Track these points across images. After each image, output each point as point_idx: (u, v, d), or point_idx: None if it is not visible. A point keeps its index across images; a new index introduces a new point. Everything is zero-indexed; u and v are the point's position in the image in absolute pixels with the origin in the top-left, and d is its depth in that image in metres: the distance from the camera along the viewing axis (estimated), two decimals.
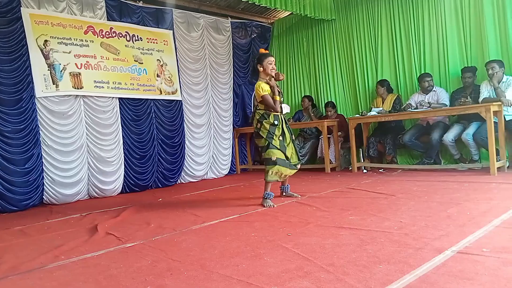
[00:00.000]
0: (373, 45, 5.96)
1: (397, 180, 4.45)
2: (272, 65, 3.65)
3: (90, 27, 5.07)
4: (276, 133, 3.61)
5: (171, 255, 2.30)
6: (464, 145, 4.65)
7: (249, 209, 3.48)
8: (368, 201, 3.39)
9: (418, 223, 2.52)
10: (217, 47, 6.52)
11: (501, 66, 4.46)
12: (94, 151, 5.07)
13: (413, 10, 5.48)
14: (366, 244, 2.16)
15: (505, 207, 2.70)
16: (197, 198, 4.55)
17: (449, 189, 3.62)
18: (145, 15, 5.66)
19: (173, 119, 5.89)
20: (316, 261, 1.96)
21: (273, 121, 3.60)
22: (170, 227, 3.04)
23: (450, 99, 4.96)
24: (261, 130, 3.62)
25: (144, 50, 5.60)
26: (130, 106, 5.44)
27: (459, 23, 5.06)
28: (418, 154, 5.32)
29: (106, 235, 2.99)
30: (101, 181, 5.12)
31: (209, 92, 6.40)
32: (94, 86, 5.04)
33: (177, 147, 5.93)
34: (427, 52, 5.37)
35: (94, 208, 4.28)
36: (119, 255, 2.43)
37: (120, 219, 3.57)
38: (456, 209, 2.81)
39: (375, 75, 5.95)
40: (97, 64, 5.08)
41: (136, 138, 5.48)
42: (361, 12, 6.07)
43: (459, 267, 1.72)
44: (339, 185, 4.44)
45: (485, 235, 2.14)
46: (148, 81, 5.62)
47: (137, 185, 5.48)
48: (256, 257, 2.13)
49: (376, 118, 5.30)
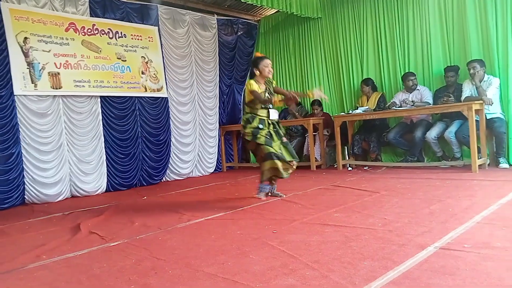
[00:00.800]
0: (358, 44, 6.01)
1: (381, 178, 4.50)
2: (268, 68, 3.57)
3: (72, 24, 4.97)
4: (261, 133, 3.50)
5: (155, 254, 2.28)
6: (446, 142, 4.73)
7: (235, 207, 3.47)
8: (353, 198, 3.41)
9: (402, 219, 2.55)
10: (203, 44, 6.48)
11: (482, 66, 4.54)
12: (73, 151, 4.99)
13: (397, 10, 5.54)
14: (350, 241, 2.18)
15: (485, 204, 2.76)
16: (182, 196, 4.52)
17: (432, 186, 3.68)
18: (130, 11, 5.58)
19: (159, 117, 5.84)
20: (301, 258, 1.97)
21: (257, 125, 3.50)
22: (154, 226, 3.01)
23: (434, 98, 5.04)
24: (247, 135, 3.54)
25: (128, 47, 5.52)
26: (113, 104, 5.36)
27: (443, 23, 5.14)
28: (402, 151, 5.39)
29: (89, 234, 2.94)
30: (82, 181, 5.05)
31: (194, 89, 6.36)
32: (74, 85, 4.94)
33: (162, 145, 5.87)
34: (411, 52, 5.44)
35: (77, 207, 4.21)
36: (102, 254, 2.40)
37: (103, 218, 3.52)
38: (438, 205, 2.85)
39: (360, 74, 6.00)
40: (77, 63, 4.98)
41: (119, 137, 5.41)
42: (347, 11, 6.10)
43: (441, 262, 1.75)
44: (324, 182, 4.46)
45: (467, 231, 2.18)
46: (133, 78, 5.55)
47: (121, 183, 5.41)
48: (242, 255, 2.12)
49: (361, 116, 5.34)
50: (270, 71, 3.61)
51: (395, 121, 5.55)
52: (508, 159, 4.51)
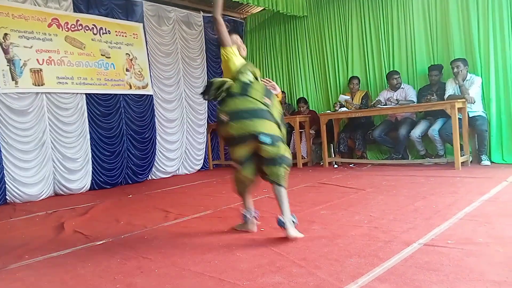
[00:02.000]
0: (344, 43, 6.05)
1: (367, 175, 4.55)
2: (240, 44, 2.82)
3: (55, 19, 4.87)
4: None
5: (141, 253, 2.26)
6: (430, 140, 4.80)
7: (222, 205, 3.46)
8: (339, 195, 3.44)
9: (387, 216, 2.58)
10: (189, 41, 6.43)
11: (465, 65, 4.62)
12: (58, 148, 4.90)
13: (382, 10, 5.59)
14: (337, 238, 2.19)
15: (468, 200, 2.81)
16: (168, 194, 4.49)
17: (416, 183, 3.73)
18: (114, 7, 5.50)
19: (143, 114, 5.78)
20: (288, 256, 1.97)
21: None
22: (140, 224, 2.99)
23: (417, 96, 5.10)
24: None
25: (112, 43, 5.44)
26: (99, 101, 5.28)
27: (426, 23, 5.20)
28: (387, 149, 5.46)
29: (73, 233, 2.90)
30: (67, 179, 4.96)
31: (181, 87, 6.31)
32: (56, 82, 4.85)
33: (147, 143, 5.82)
34: (396, 51, 5.50)
35: (61, 205, 4.14)
36: (86, 253, 2.36)
37: (88, 217, 3.47)
38: (422, 202, 2.89)
39: (346, 72, 6.04)
40: (60, 60, 4.89)
41: (105, 134, 5.34)
42: (332, 10, 6.13)
43: (426, 259, 1.78)
44: (311, 180, 4.49)
45: (450, 228, 2.22)
46: (117, 75, 5.47)
47: (106, 182, 5.34)
48: (229, 253, 2.12)
49: (347, 114, 5.38)
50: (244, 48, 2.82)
51: (380, 119, 5.61)
52: (489, 156, 4.61)
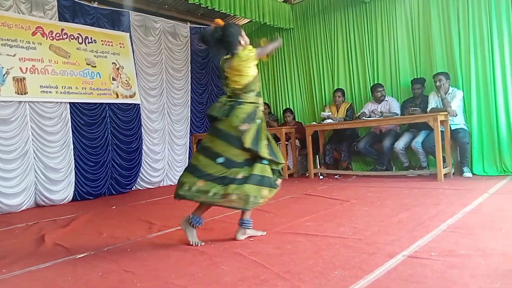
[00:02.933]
0: (329, 56, 6.14)
1: (352, 186, 4.58)
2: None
3: (39, 28, 4.82)
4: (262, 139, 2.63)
5: (123, 266, 2.21)
6: (414, 152, 4.87)
7: (206, 217, 3.42)
8: (324, 207, 3.45)
9: (372, 228, 2.59)
10: (174, 52, 6.42)
11: (448, 78, 4.72)
12: (40, 158, 4.81)
13: (367, 24, 5.71)
14: (322, 250, 2.19)
15: (451, 212, 2.85)
16: (153, 205, 4.43)
17: (400, 194, 3.77)
18: (100, 17, 5.47)
19: (131, 123, 5.73)
20: (272, 269, 1.96)
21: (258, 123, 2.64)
22: (123, 236, 2.93)
23: (401, 108, 5.19)
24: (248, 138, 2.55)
25: (98, 52, 5.40)
26: (83, 111, 5.22)
27: (410, 38, 5.32)
28: (372, 160, 5.51)
29: (53, 246, 2.83)
30: (49, 190, 4.86)
31: (164, 98, 6.28)
32: (40, 91, 4.77)
33: (134, 153, 5.76)
34: (380, 64, 5.60)
35: (42, 217, 4.05)
36: (67, 267, 2.31)
37: (70, 229, 3.39)
38: (406, 214, 2.92)
39: (331, 84, 6.11)
40: (44, 68, 4.82)
41: (89, 144, 5.27)
42: (318, 23, 6.23)
43: (409, 271, 1.79)
44: (296, 191, 4.49)
45: (433, 239, 2.24)
46: (103, 84, 5.42)
47: (89, 192, 5.24)
48: (213, 266, 2.10)
49: (332, 126, 5.43)
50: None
51: (364, 131, 5.68)
52: (471, 168, 4.69)
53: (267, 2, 5.91)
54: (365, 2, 5.63)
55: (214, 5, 5.12)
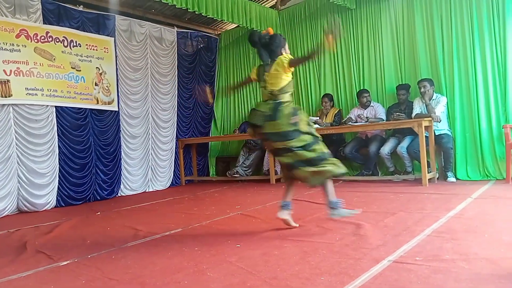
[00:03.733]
0: (316, 61, 6.18)
1: (338, 191, 4.53)
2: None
3: (23, 30, 4.73)
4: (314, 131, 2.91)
5: (107, 274, 2.18)
6: (399, 157, 4.93)
7: (193, 223, 3.41)
8: (311, 212, 3.46)
9: (358, 233, 2.61)
10: (160, 57, 6.38)
11: (432, 85, 4.80)
12: (25, 162, 4.72)
13: (353, 31, 5.77)
14: (308, 256, 2.19)
15: (435, 217, 2.89)
16: (138, 211, 4.38)
17: (386, 199, 3.80)
18: (85, 21, 5.40)
19: (108, 129, 5.65)
20: (259, 275, 1.95)
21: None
22: (108, 243, 2.89)
23: (386, 114, 5.25)
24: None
25: (82, 57, 5.33)
26: (68, 115, 5.15)
27: (394, 44, 5.40)
28: (358, 165, 5.56)
29: (36, 253, 2.77)
30: (32, 195, 4.76)
31: (148, 103, 6.22)
32: (25, 93, 4.69)
33: (112, 158, 5.69)
34: (366, 70, 5.67)
35: (24, 223, 3.96)
36: (49, 275, 2.26)
37: (52, 235, 3.33)
38: (392, 219, 2.95)
39: (318, 90, 6.15)
40: (29, 71, 4.74)
41: (74, 148, 5.19)
42: (304, 29, 6.27)
43: (395, 276, 1.80)
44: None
45: (418, 244, 2.26)
46: (86, 89, 5.35)
47: (73, 198, 5.16)
48: (199, 273, 2.08)
49: (319, 131, 5.43)
50: None
51: (351, 136, 5.73)
52: (455, 173, 4.77)
53: (254, 7, 5.94)
54: (351, 9, 5.70)
55: (201, 10, 5.11)
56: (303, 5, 6.28)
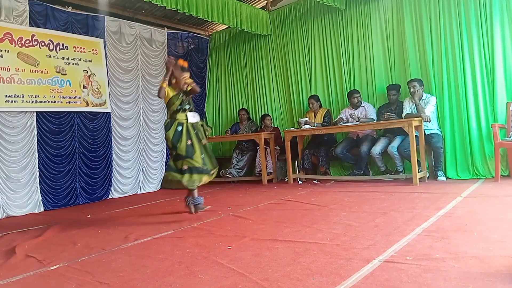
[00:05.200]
0: (307, 62, 6.20)
1: (330, 191, 4.62)
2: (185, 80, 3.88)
3: (8, 34, 4.66)
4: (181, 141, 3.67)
5: (98, 277, 2.16)
6: (390, 157, 4.96)
7: (184, 224, 3.39)
8: (302, 212, 3.46)
9: (349, 233, 2.61)
10: (151, 58, 6.35)
11: (421, 85, 4.84)
12: (2, 168, 4.66)
13: (343, 32, 5.80)
14: (300, 257, 2.20)
15: (425, 216, 2.91)
16: (129, 213, 4.35)
17: (377, 199, 3.82)
18: (74, 22, 5.35)
19: (99, 132, 5.62)
20: (251, 276, 1.95)
21: (176, 128, 3.69)
22: (98, 246, 2.86)
23: (377, 114, 5.29)
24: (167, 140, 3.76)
25: (69, 60, 5.27)
26: (53, 118, 5.10)
27: (384, 45, 5.44)
28: (349, 165, 5.58)
29: (25, 257, 2.73)
30: (14, 199, 4.71)
31: (139, 104, 6.19)
32: (5, 101, 4.62)
33: (102, 161, 5.65)
34: (356, 70, 5.70)
35: (13, 227, 3.91)
36: (39, 279, 2.23)
37: (42, 239, 3.29)
38: (383, 218, 2.96)
39: (309, 90, 6.17)
40: (10, 77, 4.67)
41: (55, 153, 5.13)
42: (295, 30, 6.29)
43: (386, 276, 1.81)
44: (275, 197, 4.50)
45: (408, 244, 2.28)
46: (73, 92, 5.29)
47: (61, 201, 5.12)
48: (190, 275, 2.07)
49: (310, 132, 5.48)
50: (186, 83, 3.88)
51: (342, 136, 5.75)
52: (445, 172, 4.81)
53: (245, 8, 5.94)
54: (341, 10, 5.73)
55: (191, 11, 5.10)
56: (293, 6, 6.30)
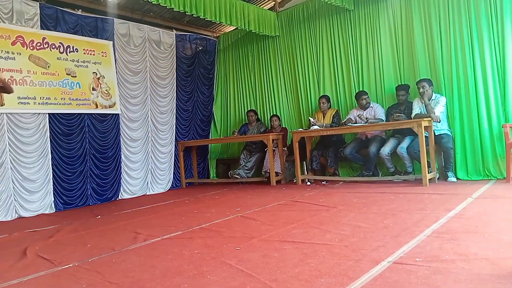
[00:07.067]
0: (315, 62, 6.18)
1: (338, 192, 4.60)
2: None
3: (20, 37, 4.75)
4: None
5: (108, 278, 2.18)
6: (399, 157, 4.92)
7: (193, 225, 3.41)
8: (311, 213, 3.45)
9: (358, 234, 2.60)
10: (159, 60, 6.39)
11: (431, 85, 4.80)
12: (17, 169, 4.73)
13: (351, 32, 5.77)
14: (308, 258, 2.19)
15: (435, 217, 2.88)
16: (138, 214, 4.38)
17: (386, 200, 3.80)
18: (84, 25, 5.41)
19: (108, 134, 5.67)
20: (259, 277, 1.95)
21: None
22: (108, 247, 2.89)
23: (386, 115, 5.25)
24: None
25: (79, 62, 5.34)
26: (64, 120, 5.17)
27: (393, 45, 5.41)
28: (358, 166, 5.55)
29: (36, 258, 2.77)
30: (27, 200, 4.78)
31: (147, 105, 6.23)
32: (18, 102, 4.70)
33: (112, 162, 5.70)
34: (365, 71, 5.67)
35: (24, 228, 3.96)
36: (50, 279, 2.26)
37: (53, 240, 3.33)
38: (392, 219, 2.94)
39: (317, 91, 6.16)
40: (22, 79, 4.76)
41: (68, 154, 5.20)
42: (303, 30, 6.28)
43: (395, 277, 1.80)
44: (284, 198, 4.49)
45: (418, 245, 2.26)
46: (82, 95, 5.36)
47: (73, 202, 5.17)
48: (199, 276, 2.08)
49: (319, 132, 5.46)
50: None
51: (351, 137, 5.72)
52: (455, 173, 4.76)
53: (252, 9, 5.95)
54: (349, 10, 5.70)
55: (199, 13, 5.12)
56: (301, 7, 6.30)
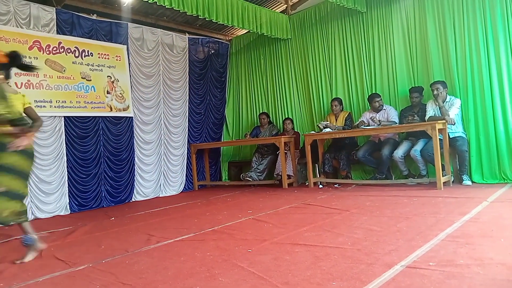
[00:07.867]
0: (327, 65, 6.17)
1: (351, 195, 4.57)
2: None
3: (37, 42, 4.86)
4: None
5: (121, 279, 2.20)
6: (413, 160, 4.87)
7: (205, 227, 3.42)
8: (323, 216, 3.44)
9: (370, 238, 2.58)
10: (172, 63, 6.45)
11: (445, 87, 4.74)
12: (34, 171, 4.79)
13: (364, 34, 5.75)
14: (320, 261, 2.18)
15: (449, 221, 2.84)
16: (152, 216, 4.41)
17: (399, 203, 3.76)
18: (98, 29, 5.51)
19: (122, 136, 5.75)
20: (271, 280, 1.95)
21: None
22: (122, 248, 2.92)
23: (399, 117, 5.20)
24: None
25: (94, 66, 5.43)
26: (79, 123, 5.27)
27: (406, 46, 5.36)
28: (371, 169, 5.51)
29: (51, 258, 2.82)
30: (43, 202, 4.87)
31: (160, 108, 6.29)
32: (34, 105, 4.78)
33: (125, 164, 5.78)
34: (378, 73, 5.63)
35: (40, 229, 4.02)
36: (65, 280, 2.30)
37: (68, 241, 3.38)
38: (405, 223, 2.91)
39: (329, 93, 6.14)
40: (39, 83, 4.86)
41: (83, 156, 5.30)
42: (315, 33, 6.27)
43: (408, 281, 1.78)
44: (296, 200, 4.48)
45: (432, 249, 2.23)
46: (97, 98, 5.45)
47: (87, 204, 5.25)
48: (211, 278, 2.09)
49: (331, 135, 5.44)
50: None
51: (363, 139, 5.68)
52: (470, 176, 4.68)
53: (264, 12, 5.97)
54: (362, 12, 5.68)
55: (212, 17, 5.16)
56: (313, 10, 6.29)
